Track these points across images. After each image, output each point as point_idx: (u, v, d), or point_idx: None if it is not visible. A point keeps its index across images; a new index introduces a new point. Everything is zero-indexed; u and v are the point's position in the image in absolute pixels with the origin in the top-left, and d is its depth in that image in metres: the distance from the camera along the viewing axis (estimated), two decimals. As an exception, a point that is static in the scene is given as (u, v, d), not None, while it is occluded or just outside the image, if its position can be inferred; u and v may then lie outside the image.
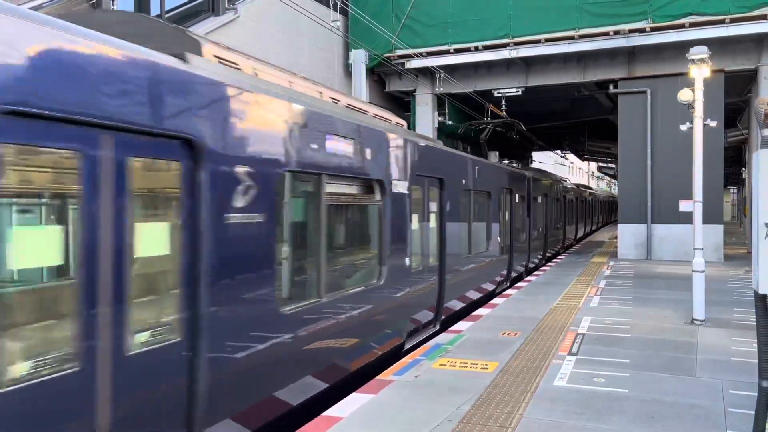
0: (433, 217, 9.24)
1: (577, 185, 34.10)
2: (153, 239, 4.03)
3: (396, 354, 7.83)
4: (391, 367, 7.00)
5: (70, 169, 3.42)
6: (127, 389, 3.70)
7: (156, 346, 3.93)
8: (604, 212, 46.15)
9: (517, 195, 15.28)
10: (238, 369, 4.69)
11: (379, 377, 6.62)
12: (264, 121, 5.03)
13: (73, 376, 3.36)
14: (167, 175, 4.17)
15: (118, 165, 3.67)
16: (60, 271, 3.53)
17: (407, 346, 8.24)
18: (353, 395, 5.99)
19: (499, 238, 13.37)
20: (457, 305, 10.36)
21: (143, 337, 3.88)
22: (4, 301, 3.17)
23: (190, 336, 4.21)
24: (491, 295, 12.66)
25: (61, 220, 3.54)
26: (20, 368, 3.21)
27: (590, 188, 43.09)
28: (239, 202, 4.67)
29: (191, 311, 4.22)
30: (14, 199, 3.26)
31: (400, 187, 7.74)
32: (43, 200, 3.53)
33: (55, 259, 3.50)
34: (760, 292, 3.96)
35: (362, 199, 7.16)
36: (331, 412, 5.53)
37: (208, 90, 4.41)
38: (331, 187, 6.19)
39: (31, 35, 3.18)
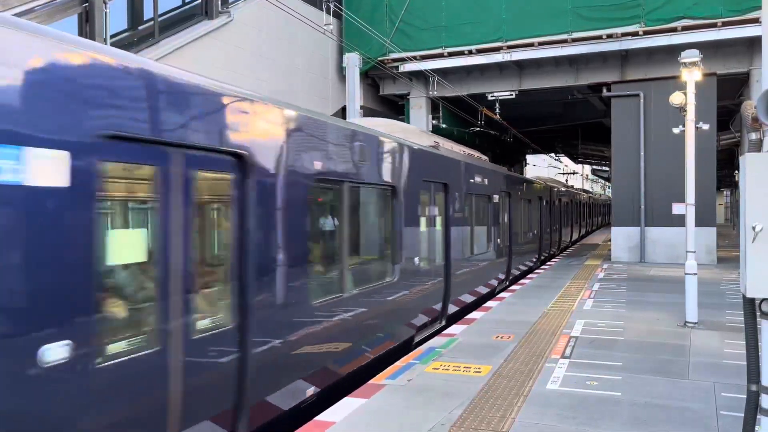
0: (506, 216, 15.65)
1: (581, 190, 40.80)
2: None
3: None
4: (384, 371, 6.99)
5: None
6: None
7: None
8: (603, 213, 54.48)
9: (545, 201, 21.15)
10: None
11: (371, 381, 6.59)
12: (463, 172, 10.98)
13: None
14: (441, 197, 9.75)
15: (423, 195, 8.96)
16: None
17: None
18: (345, 399, 5.97)
19: (549, 225, 21.66)
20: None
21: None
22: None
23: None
24: (549, 255, 21.89)
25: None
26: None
27: (589, 192, 51.00)
28: (458, 206, 10.53)
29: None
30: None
31: (496, 198, 13.78)
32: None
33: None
34: (748, 295, 3.96)
35: (484, 203, 12.96)
36: (323, 416, 5.50)
37: (444, 159, 10.09)
38: (477, 198, 12.27)
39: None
